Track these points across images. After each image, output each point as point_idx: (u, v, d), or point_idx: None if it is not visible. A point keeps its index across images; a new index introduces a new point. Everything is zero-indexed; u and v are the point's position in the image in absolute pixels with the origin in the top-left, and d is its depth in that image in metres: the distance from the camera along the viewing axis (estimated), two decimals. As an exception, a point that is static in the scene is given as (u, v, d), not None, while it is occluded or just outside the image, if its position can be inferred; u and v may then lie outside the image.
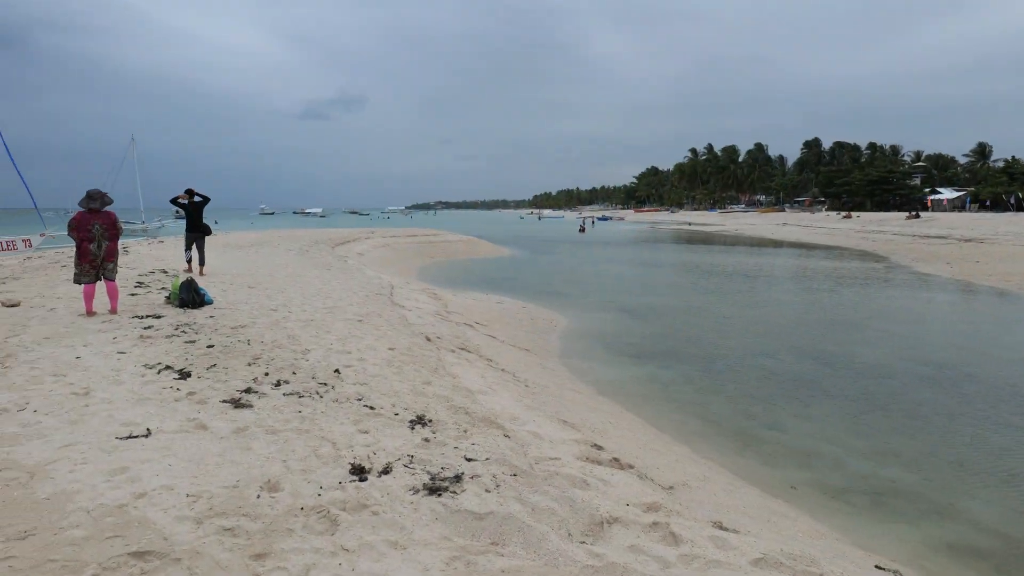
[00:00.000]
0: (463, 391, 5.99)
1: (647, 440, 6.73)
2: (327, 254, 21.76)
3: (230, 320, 8.38)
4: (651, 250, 39.53)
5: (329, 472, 3.84)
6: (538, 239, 51.24)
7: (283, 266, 16.67)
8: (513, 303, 16.08)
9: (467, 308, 14.03)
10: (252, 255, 19.64)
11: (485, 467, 4.03)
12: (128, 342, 7.02)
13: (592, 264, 29.57)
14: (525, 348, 10.76)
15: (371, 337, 7.96)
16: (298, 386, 5.58)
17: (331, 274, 15.41)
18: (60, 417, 4.61)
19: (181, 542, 3.00)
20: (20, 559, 2.82)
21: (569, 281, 22.18)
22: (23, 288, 11.18)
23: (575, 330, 13.13)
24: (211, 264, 15.93)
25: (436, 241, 36.17)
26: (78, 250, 8.50)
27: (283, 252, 21.33)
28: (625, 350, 11.44)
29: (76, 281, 8.58)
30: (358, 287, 13.04)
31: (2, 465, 3.75)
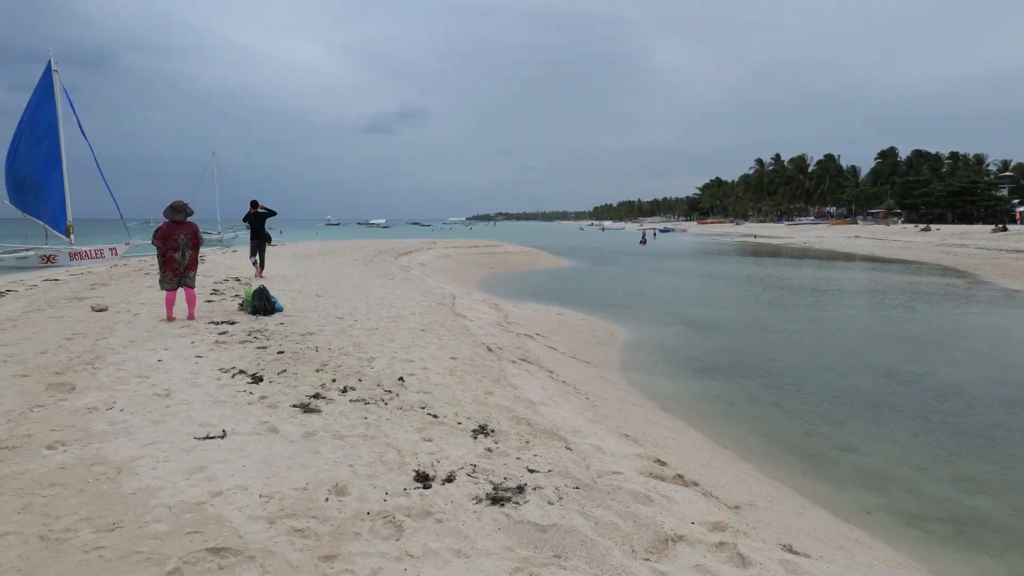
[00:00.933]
0: (524, 402, 6.00)
1: (710, 457, 6.58)
2: (391, 264, 22.23)
3: (299, 327, 8.67)
4: (714, 262, 38.68)
5: (394, 478, 3.91)
6: (598, 251, 50.94)
7: (349, 275, 17.12)
8: (573, 315, 16.02)
9: (527, 319, 14.06)
10: (319, 265, 20.26)
11: (548, 479, 4.02)
12: (205, 347, 7.34)
13: (653, 276, 29.17)
14: (585, 360, 10.69)
15: (434, 346, 8.08)
16: (364, 393, 5.72)
17: (394, 284, 15.73)
18: (144, 416, 4.86)
19: (254, 540, 3.11)
20: (109, 550, 2.98)
21: (630, 293, 21.95)
22: (110, 294, 11.87)
23: (636, 343, 12.97)
24: (281, 273, 16.56)
25: (496, 252, 36.44)
26: (163, 258, 8.95)
27: (349, 262, 21.91)
28: (687, 364, 11.22)
29: (161, 287, 9.04)
30: (421, 297, 13.27)
31: (93, 460, 3.98)
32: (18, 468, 3.83)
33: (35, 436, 4.36)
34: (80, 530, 3.15)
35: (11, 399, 5.19)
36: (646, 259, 41.28)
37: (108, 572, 2.81)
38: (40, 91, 29.58)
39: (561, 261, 37.17)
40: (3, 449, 4.11)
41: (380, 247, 32.04)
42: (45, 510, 3.33)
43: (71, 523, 3.21)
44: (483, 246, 39.18)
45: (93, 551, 2.97)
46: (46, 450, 4.13)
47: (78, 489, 3.59)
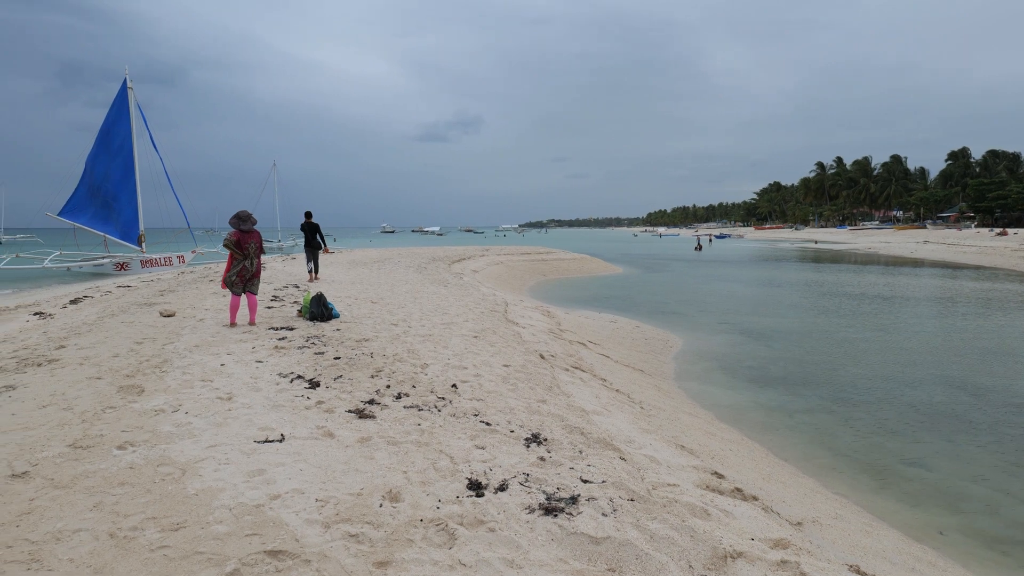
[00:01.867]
0: (577, 411, 5.93)
1: (771, 471, 6.36)
2: (444, 271, 22.45)
3: (355, 334, 8.82)
4: (773, 269, 37.62)
5: (447, 486, 3.91)
6: (652, 257, 50.27)
7: (403, 282, 17.37)
8: (627, 322, 15.82)
9: (580, 326, 13.96)
10: (374, 272, 20.63)
11: (601, 490, 3.95)
12: (265, 352, 7.55)
13: (709, 283, 28.56)
14: (639, 369, 10.53)
15: (486, 353, 8.09)
16: (417, 399, 5.76)
17: (448, 290, 15.87)
18: (207, 419, 5.01)
19: (311, 544, 3.15)
20: (173, 549, 3.07)
21: (685, 300, 21.54)
22: (178, 300, 12.36)
23: (691, 351, 12.71)
24: (337, 280, 16.94)
25: (549, 259, 36.38)
26: (233, 265, 9.25)
27: (403, 269, 22.24)
28: (745, 374, 10.92)
29: (228, 288, 9.31)
30: (473, 304, 13.33)
31: (160, 461, 4.13)
32: (91, 467, 4.01)
33: (107, 436, 4.55)
34: (146, 529, 3.26)
35: (86, 400, 5.44)
36: (701, 265, 40.49)
37: (171, 571, 2.89)
38: (116, 107, 31.22)
39: (614, 268, 36.83)
40: (78, 448, 4.31)
41: (434, 254, 32.41)
42: (115, 508, 3.47)
43: (138, 522, 3.32)
44: (535, 253, 39.17)
45: (158, 550, 3.07)
46: (117, 450, 4.30)
47: (145, 489, 3.72)
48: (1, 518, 3.33)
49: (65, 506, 3.48)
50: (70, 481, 3.80)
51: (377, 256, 30.15)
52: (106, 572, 2.87)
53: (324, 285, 15.13)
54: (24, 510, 3.43)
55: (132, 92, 31.39)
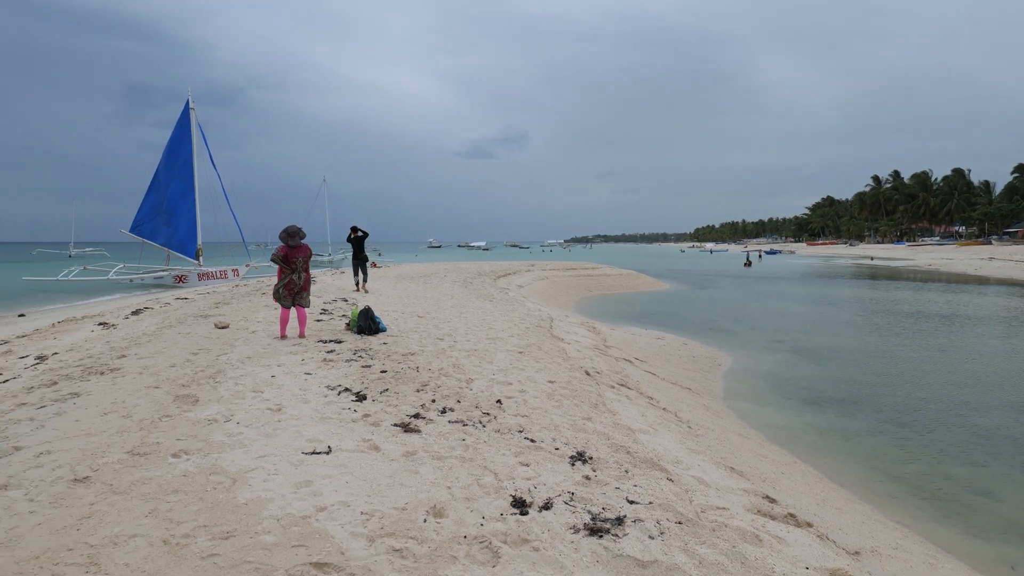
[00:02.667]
0: (624, 429, 5.84)
1: (825, 496, 6.13)
2: (489, 286, 22.55)
3: (401, 347, 8.91)
4: (826, 286, 36.53)
5: (491, 503, 3.89)
6: (700, 273, 49.45)
7: (449, 297, 17.50)
8: (674, 339, 15.57)
9: (626, 343, 13.80)
10: (421, 286, 20.86)
11: (648, 511, 3.87)
12: (314, 364, 7.69)
13: (759, 300, 27.91)
14: (687, 387, 10.33)
15: (531, 369, 8.06)
16: (462, 414, 5.76)
17: (493, 305, 15.92)
18: (257, 430, 5.12)
19: (355, 558, 3.17)
20: (223, 557, 3.13)
21: (734, 318, 21.09)
22: (231, 312, 12.73)
23: (741, 370, 12.41)
24: (384, 294, 17.20)
25: (594, 274, 36.18)
26: (281, 279, 9.49)
27: (449, 284, 22.42)
28: (797, 394, 10.59)
29: (278, 301, 9.52)
30: (519, 319, 13.33)
31: (212, 469, 4.23)
32: (147, 474, 4.13)
33: (162, 444, 4.69)
34: (198, 536, 3.33)
35: (144, 409, 5.63)
36: (751, 282, 39.61)
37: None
38: (179, 127, 32.62)
39: (660, 284, 36.37)
40: (136, 456, 4.45)
41: (479, 269, 32.61)
42: (169, 515, 3.56)
43: (190, 529, 3.40)
44: (581, 268, 39.03)
45: (208, 557, 3.13)
46: (171, 458, 4.43)
47: (198, 497, 3.81)
48: (63, 521, 3.46)
49: (122, 511, 3.59)
50: (128, 487, 3.92)
51: (423, 271, 30.51)
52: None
53: (371, 299, 15.38)
54: (85, 514, 3.55)
55: (194, 112, 32.75)
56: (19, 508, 3.62)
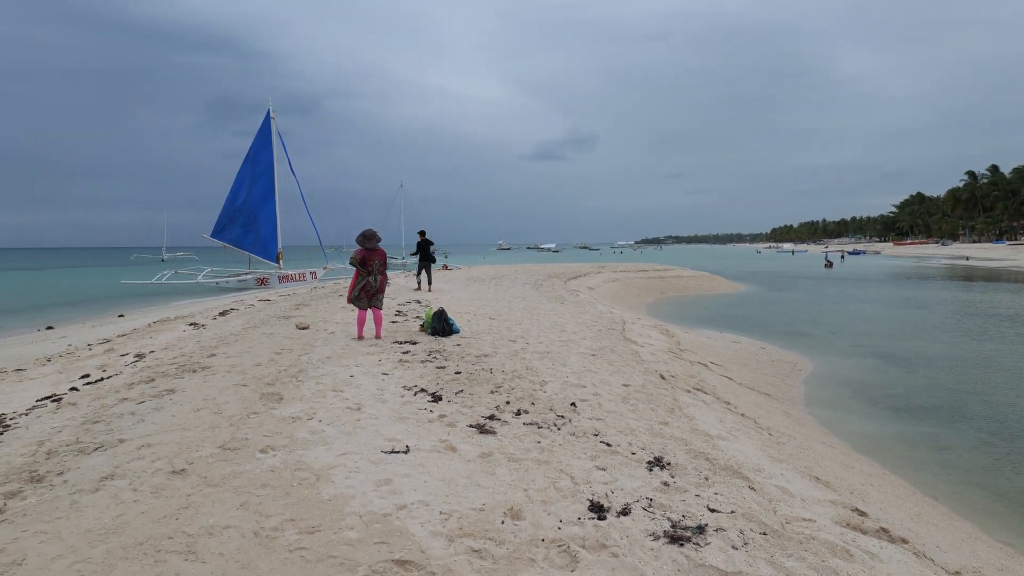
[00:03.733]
0: (702, 435, 5.69)
1: (919, 510, 5.79)
2: (560, 288, 22.49)
3: (474, 349, 9.00)
4: (916, 288, 34.54)
5: (568, 506, 3.86)
6: (777, 275, 47.73)
7: (520, 299, 17.56)
8: (750, 343, 15.10)
9: (701, 346, 13.47)
10: (492, 288, 21.02)
11: (730, 520, 3.75)
12: (390, 365, 7.86)
13: (841, 303, 26.68)
14: (765, 392, 9.98)
15: (605, 372, 7.98)
16: (537, 417, 5.76)
17: (564, 307, 15.86)
18: (338, 428, 5.28)
19: (435, 556, 3.21)
20: (309, 551, 3.23)
21: (814, 321, 20.24)
22: (311, 313, 13.19)
23: (823, 375, 11.89)
24: (456, 296, 17.43)
25: (667, 276, 35.51)
26: (357, 281, 9.76)
27: (520, 286, 22.50)
28: (885, 402, 10.06)
29: (354, 304, 9.81)
30: (591, 321, 13.23)
31: (297, 466, 4.38)
32: (238, 468, 4.32)
33: (251, 440, 4.90)
34: (286, 530, 3.45)
35: (234, 406, 5.90)
36: (832, 284, 37.92)
37: (308, 572, 3.04)
38: (260, 136, 34.14)
39: (736, 286, 35.33)
40: (227, 450, 4.67)
41: (550, 271, 32.59)
42: (258, 508, 3.71)
43: (279, 523, 3.53)
44: (652, 270, 38.39)
45: (296, 551, 3.24)
46: (259, 453, 4.62)
47: (284, 491, 3.96)
48: (163, 511, 3.66)
49: (216, 503, 3.77)
50: (220, 480, 4.11)
51: (494, 273, 30.74)
52: (251, 568, 3.07)
53: (444, 301, 15.60)
54: (182, 504, 3.75)
55: (274, 122, 34.19)
56: (124, 497, 3.85)
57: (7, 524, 3.55)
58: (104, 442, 4.95)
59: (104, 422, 5.54)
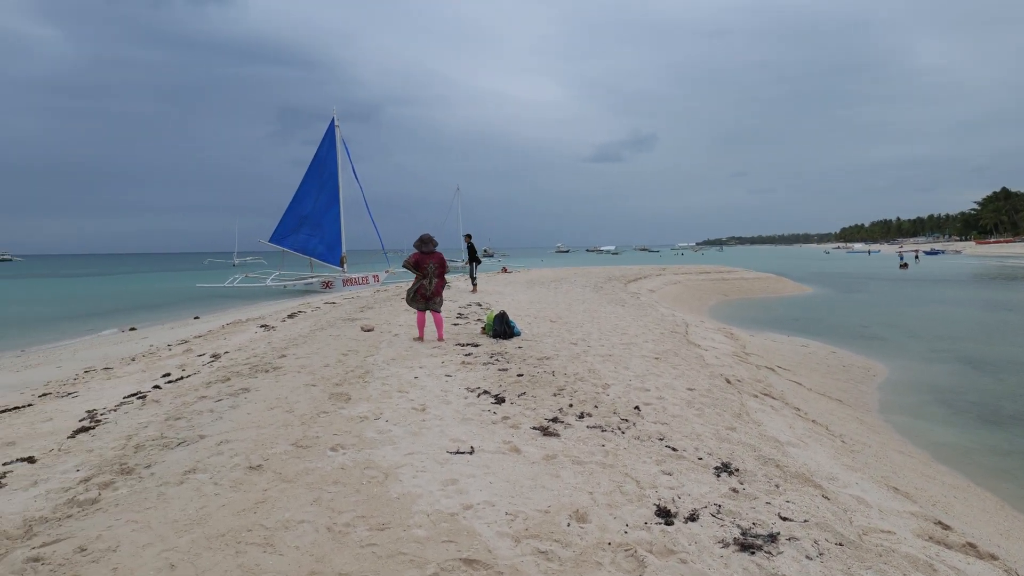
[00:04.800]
0: (771, 441, 5.54)
1: (1009, 526, 5.46)
2: (620, 291, 22.27)
3: (536, 351, 9.02)
4: (1003, 289, 32.58)
5: (634, 510, 3.83)
6: (848, 276, 45.90)
7: (580, 301, 17.49)
8: (820, 347, 14.57)
9: (767, 350, 13.10)
10: (551, 291, 21.00)
11: (804, 530, 3.64)
12: (453, 367, 7.97)
13: (919, 305, 25.44)
14: (837, 398, 9.62)
15: (669, 375, 7.86)
16: (600, 420, 5.73)
17: (625, 310, 15.71)
18: (404, 428, 5.39)
19: (502, 556, 3.24)
20: (380, 547, 3.32)
21: (889, 324, 19.37)
22: (375, 316, 13.49)
23: (899, 381, 11.37)
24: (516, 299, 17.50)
25: (730, 278, 34.67)
26: (414, 284, 9.97)
27: (579, 288, 22.40)
28: (969, 409, 9.53)
29: (411, 306, 10.02)
30: (652, 324, 13.06)
31: (365, 464, 4.50)
32: (310, 465, 4.47)
33: (321, 439, 5.06)
34: (357, 526, 3.55)
35: (304, 405, 6.10)
36: (908, 285, 36.19)
37: (379, 568, 3.12)
38: (325, 143, 35.14)
39: (803, 287, 34.15)
40: (299, 448, 4.83)
41: (609, 273, 32.31)
42: (330, 505, 3.83)
43: (350, 519, 3.64)
44: (715, 272, 37.55)
45: (367, 547, 3.33)
46: (330, 451, 4.76)
47: (354, 489, 4.07)
48: (242, 504, 3.82)
49: (291, 498, 3.91)
50: (294, 476, 4.26)
51: (553, 275, 30.70)
52: (325, 562, 3.17)
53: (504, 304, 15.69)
54: (259, 499, 3.91)
55: (339, 129, 35.15)
56: (206, 490, 4.04)
57: (102, 513, 3.78)
58: (186, 438, 5.21)
59: (185, 419, 5.82)
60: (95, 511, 3.82)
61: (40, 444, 5.48)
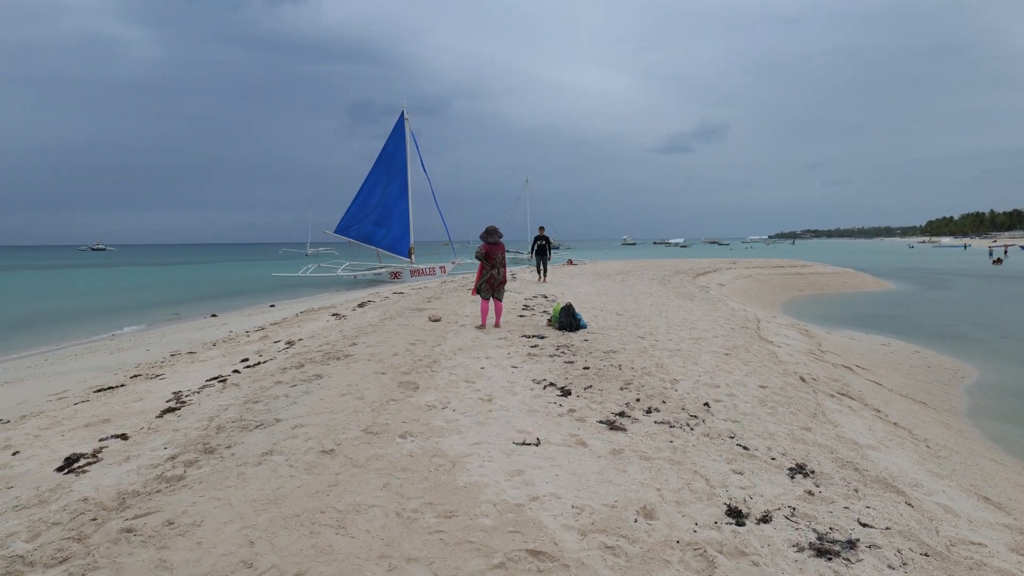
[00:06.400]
0: (848, 443, 5.30)
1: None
2: (689, 284, 21.79)
3: (602, 345, 8.94)
4: (1108, 288, 30.07)
5: (703, 509, 3.74)
6: (933, 271, 43.42)
7: (647, 295, 17.22)
8: (902, 346, 13.85)
9: (844, 348, 12.55)
10: (618, 284, 20.77)
11: (885, 537, 3.46)
12: (519, 358, 7.99)
13: (1014, 303, 23.82)
14: (920, 400, 9.12)
15: (740, 372, 7.64)
16: (668, 415, 5.63)
17: (694, 304, 15.36)
18: (471, 417, 5.44)
19: (568, 549, 3.23)
20: (447, 534, 3.36)
21: (980, 324, 18.21)
22: (442, 306, 13.68)
23: (990, 384, 10.68)
24: (583, 291, 17.39)
25: (804, 272, 33.39)
26: (482, 274, 10.19)
27: (646, 281, 22.06)
28: (1072, 417, 8.85)
29: (479, 294, 10.32)
30: (722, 319, 12.72)
31: (433, 452, 4.57)
32: (380, 451, 4.58)
33: (390, 426, 5.17)
34: (425, 513, 3.61)
35: (374, 392, 6.25)
36: (1001, 282, 33.90)
37: (447, 554, 3.17)
38: (394, 137, 35.77)
39: (884, 283, 32.54)
40: (369, 434, 4.96)
41: (677, 267, 31.66)
42: (399, 491, 3.91)
43: (418, 505, 3.70)
44: (788, 266, 36.22)
45: (435, 533, 3.38)
46: (399, 439, 4.86)
47: (422, 476, 4.14)
48: (316, 487, 3.95)
49: (361, 483, 4.01)
50: (364, 461, 4.38)
51: (619, 268, 30.34)
52: (394, 546, 3.24)
53: (570, 296, 15.62)
54: (332, 482, 4.03)
55: (408, 123, 35.71)
56: (282, 472, 4.20)
57: (187, 489, 3.99)
58: (263, 420, 5.43)
59: (262, 402, 6.06)
60: (181, 487, 4.04)
61: (132, 422, 5.83)
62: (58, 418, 6.28)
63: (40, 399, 8.13)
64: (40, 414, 6.71)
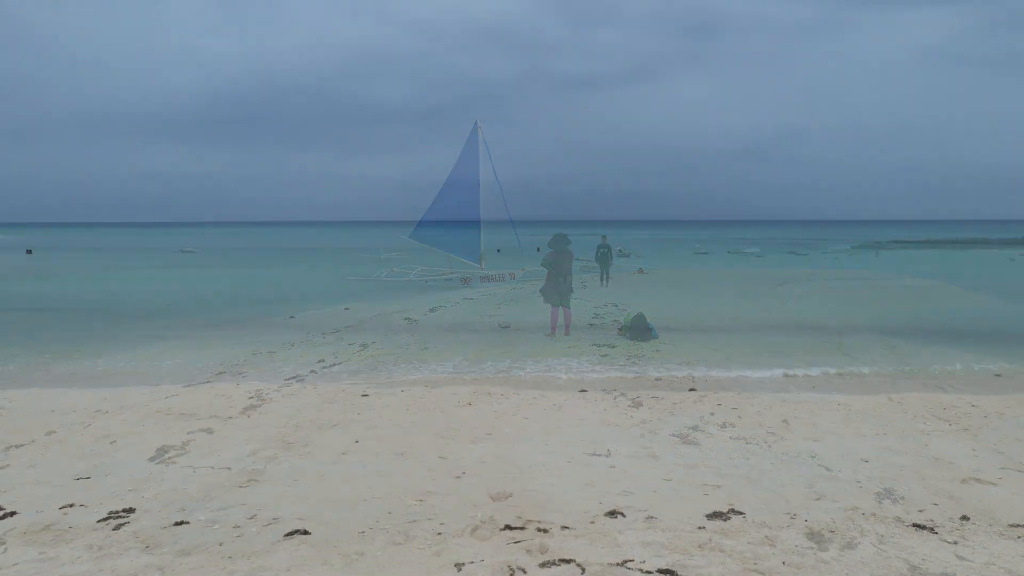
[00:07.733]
0: (946, 468, 4.97)
1: None
2: (766, 294, 21.04)
3: (675, 356, 8.75)
4: None
5: (781, 532, 3.58)
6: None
7: (721, 304, 16.75)
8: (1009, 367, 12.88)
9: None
10: (690, 293, 20.30)
11: (985, 572, 3.22)
12: (589, 366, 7.94)
13: None
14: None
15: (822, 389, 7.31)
16: (744, 431, 5.44)
17: (772, 316, 14.82)
18: (541, 425, 5.43)
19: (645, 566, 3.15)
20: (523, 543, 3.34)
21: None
22: (510, 313, 13.75)
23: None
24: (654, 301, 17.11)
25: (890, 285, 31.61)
26: (550, 281, 10.23)
27: (720, 289, 21.46)
28: None
29: (546, 301, 10.32)
30: (802, 331, 12.21)
31: (504, 458, 4.58)
32: (450, 453, 4.62)
33: (462, 431, 5.23)
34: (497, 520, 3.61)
35: (446, 397, 6.32)
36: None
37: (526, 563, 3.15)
38: (468, 146, 36.27)
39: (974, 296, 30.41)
40: (441, 439, 5.02)
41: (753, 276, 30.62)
42: (469, 497, 3.92)
43: (490, 512, 3.70)
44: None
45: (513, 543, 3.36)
46: (470, 444, 4.90)
47: (494, 482, 4.14)
48: (387, 488, 4.02)
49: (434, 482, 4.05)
50: (436, 465, 4.42)
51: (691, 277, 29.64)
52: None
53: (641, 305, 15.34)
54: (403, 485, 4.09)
55: (481, 131, 36.16)
56: (356, 472, 4.31)
57: (268, 483, 4.14)
58: (338, 421, 5.58)
59: (338, 403, 6.24)
60: (263, 481, 4.19)
61: (216, 418, 6.11)
62: (150, 410, 6.64)
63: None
64: (132, 406, 7.11)
